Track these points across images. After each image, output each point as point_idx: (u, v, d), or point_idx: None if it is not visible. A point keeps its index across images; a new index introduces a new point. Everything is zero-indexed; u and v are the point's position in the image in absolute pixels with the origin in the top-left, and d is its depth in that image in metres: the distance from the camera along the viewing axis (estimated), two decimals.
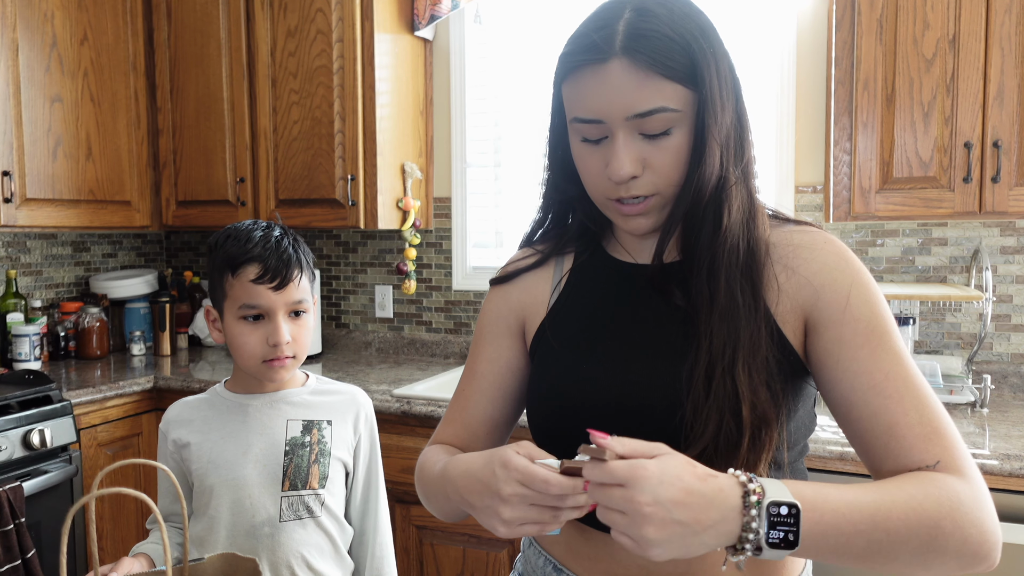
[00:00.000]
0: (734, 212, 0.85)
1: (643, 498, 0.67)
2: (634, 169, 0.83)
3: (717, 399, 0.80)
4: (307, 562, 1.28)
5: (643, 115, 0.81)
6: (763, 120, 2.40)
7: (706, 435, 0.80)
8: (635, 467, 0.68)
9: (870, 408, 0.81)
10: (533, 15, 2.65)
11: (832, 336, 0.84)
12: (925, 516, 0.72)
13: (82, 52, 2.61)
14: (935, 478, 0.75)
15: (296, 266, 1.27)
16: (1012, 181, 1.84)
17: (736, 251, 0.85)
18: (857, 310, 0.83)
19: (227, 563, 1.01)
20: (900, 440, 0.79)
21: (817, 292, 0.85)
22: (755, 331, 0.82)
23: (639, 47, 0.80)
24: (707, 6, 2.39)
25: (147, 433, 2.49)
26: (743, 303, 0.83)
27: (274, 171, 2.68)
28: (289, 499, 1.28)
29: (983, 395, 1.96)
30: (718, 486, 0.69)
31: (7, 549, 1.89)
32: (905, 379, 0.81)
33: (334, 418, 1.35)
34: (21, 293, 2.77)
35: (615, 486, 0.69)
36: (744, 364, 0.81)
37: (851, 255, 0.87)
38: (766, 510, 0.69)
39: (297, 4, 2.58)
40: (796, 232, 0.89)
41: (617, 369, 0.89)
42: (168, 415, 1.36)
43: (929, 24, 1.88)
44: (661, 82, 0.80)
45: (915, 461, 0.78)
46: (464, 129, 2.79)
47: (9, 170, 2.40)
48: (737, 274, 0.84)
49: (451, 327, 2.86)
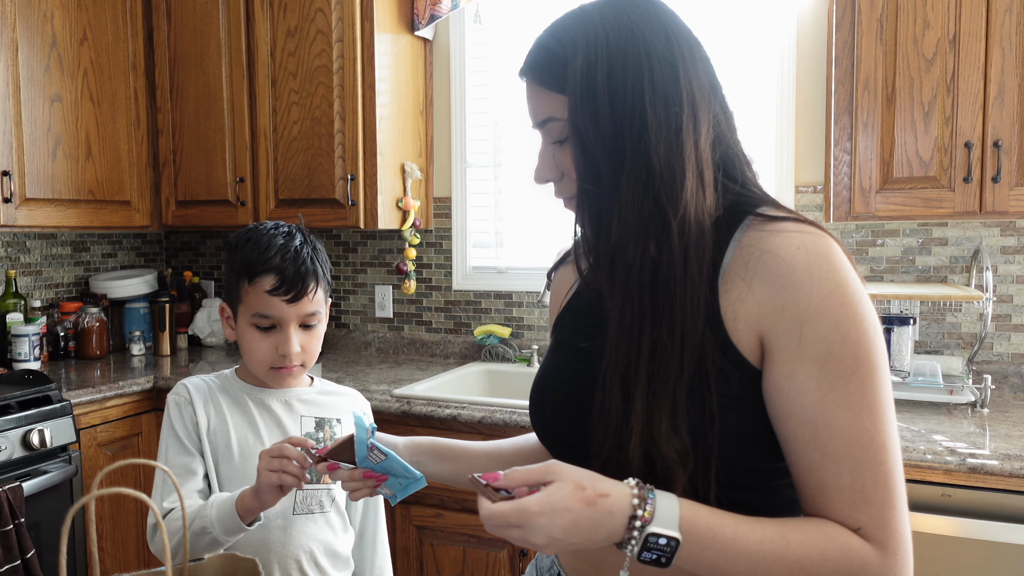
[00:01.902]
0: (625, 220, 0.80)
1: (536, 538, 0.73)
2: (548, 174, 0.88)
3: (607, 417, 0.81)
4: (315, 558, 1.29)
5: (540, 124, 0.87)
6: (763, 120, 2.39)
7: (602, 453, 0.82)
8: (523, 512, 0.73)
9: (807, 460, 0.76)
10: (533, 15, 2.65)
11: (784, 372, 0.77)
12: (823, 571, 0.74)
13: (82, 52, 2.61)
14: (846, 543, 0.74)
15: (312, 278, 1.27)
16: (1012, 181, 1.84)
17: (636, 261, 0.80)
18: (813, 347, 0.75)
19: (227, 563, 1.00)
20: (827, 500, 0.76)
21: (775, 313, 0.77)
22: (669, 347, 0.78)
23: (533, 62, 0.86)
24: (708, 6, 2.40)
25: (147, 433, 2.49)
26: (650, 316, 0.79)
27: (274, 171, 2.68)
28: (302, 493, 1.29)
29: (983, 395, 1.96)
30: (607, 509, 0.73)
31: (7, 549, 1.89)
32: (853, 438, 0.75)
33: (341, 417, 1.37)
34: (21, 293, 2.77)
35: (510, 527, 0.74)
36: (644, 385, 0.79)
37: (824, 267, 0.77)
38: (644, 538, 0.73)
39: (297, 4, 2.58)
40: (769, 233, 0.80)
41: (565, 368, 0.94)
42: (190, 384, 1.32)
43: (929, 24, 1.88)
44: (547, 93, 0.85)
45: (839, 522, 0.76)
46: (464, 129, 2.79)
47: (9, 170, 2.40)
48: (645, 284, 0.80)
49: (451, 327, 2.86)
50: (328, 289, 1.33)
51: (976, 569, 1.58)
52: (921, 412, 1.94)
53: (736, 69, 2.40)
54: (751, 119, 2.40)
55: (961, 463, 1.61)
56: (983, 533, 1.58)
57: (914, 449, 1.65)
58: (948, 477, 1.62)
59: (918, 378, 2.03)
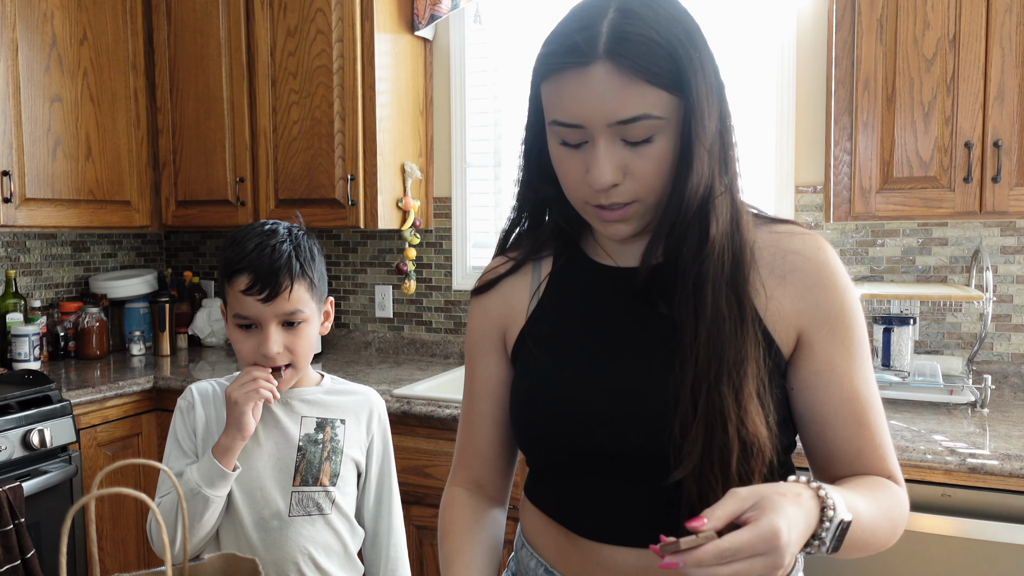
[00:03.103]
0: (721, 221, 0.82)
1: (786, 556, 0.68)
2: (615, 177, 0.80)
3: (704, 416, 0.80)
4: (314, 560, 1.28)
5: (625, 122, 0.78)
6: (763, 120, 2.39)
7: (695, 452, 0.80)
8: (767, 536, 0.67)
9: (847, 433, 0.86)
10: (533, 15, 2.65)
11: (824, 359, 0.86)
12: (897, 516, 0.86)
13: (82, 52, 2.61)
14: (893, 489, 0.87)
15: (286, 276, 1.23)
16: (1012, 181, 1.84)
17: (722, 262, 0.82)
18: (845, 334, 0.86)
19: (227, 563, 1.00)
20: (864, 461, 0.87)
21: (811, 309, 0.85)
22: (741, 345, 0.81)
23: (623, 51, 0.76)
24: (708, 6, 2.40)
25: (147, 433, 2.49)
26: (729, 316, 0.81)
27: (274, 171, 2.68)
28: (299, 494, 1.28)
29: (983, 395, 1.96)
30: (808, 507, 0.73)
31: (7, 549, 1.89)
32: (877, 408, 0.88)
33: (347, 418, 1.35)
34: (21, 293, 2.77)
35: (754, 556, 0.68)
36: (730, 380, 0.80)
37: (839, 264, 0.87)
38: (837, 526, 0.73)
39: (297, 4, 2.58)
40: (785, 235, 0.87)
41: (600, 375, 0.88)
42: (196, 389, 1.35)
43: (929, 24, 1.87)
44: (645, 88, 0.77)
45: (871, 474, 0.88)
46: (464, 129, 2.79)
47: (9, 170, 2.40)
48: (723, 285, 0.82)
49: (451, 327, 2.86)
50: (316, 287, 1.29)
51: (976, 569, 1.58)
52: (921, 412, 1.94)
53: (736, 69, 2.40)
54: (751, 119, 2.40)
55: (961, 463, 1.61)
56: (983, 533, 1.58)
57: (914, 449, 1.65)
58: (948, 477, 1.62)
59: (918, 378, 2.03)
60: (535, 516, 0.98)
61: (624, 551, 0.87)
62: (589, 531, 0.89)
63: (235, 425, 1.23)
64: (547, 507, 0.95)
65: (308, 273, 1.27)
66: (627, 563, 0.87)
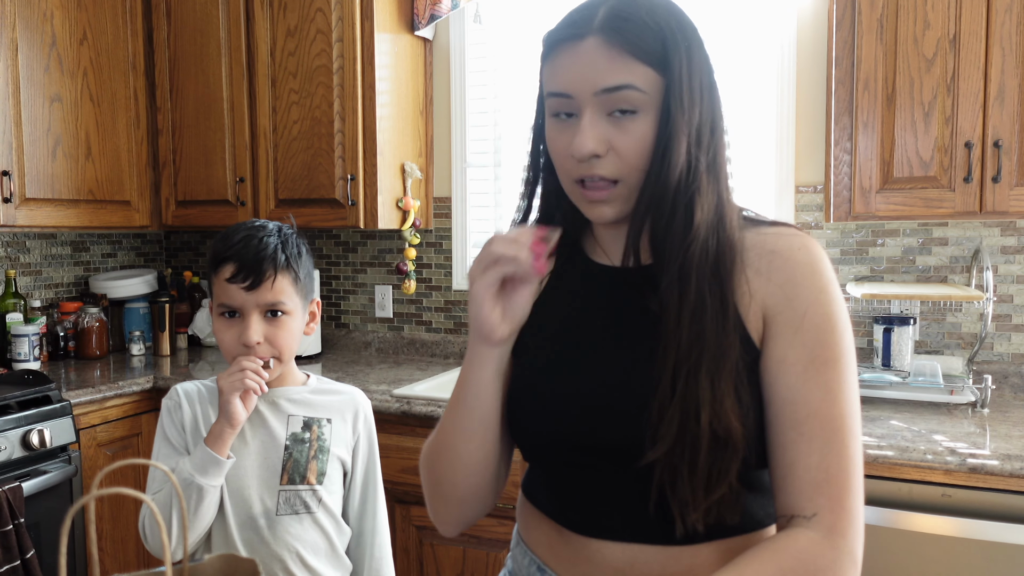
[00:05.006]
0: (706, 210, 0.84)
1: None
2: (597, 147, 0.83)
3: (681, 401, 0.80)
4: (302, 558, 1.29)
5: (610, 90, 0.82)
6: (763, 120, 2.39)
7: (668, 436, 0.80)
8: None
9: (783, 438, 0.82)
10: (533, 15, 2.65)
11: (777, 355, 0.83)
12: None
13: (81, 52, 2.61)
14: (796, 548, 0.78)
15: (271, 266, 1.26)
16: (1013, 181, 1.84)
17: (706, 250, 0.84)
18: (807, 334, 0.83)
19: (227, 563, 1.00)
20: (794, 479, 0.81)
21: (779, 304, 0.84)
22: (722, 334, 0.82)
23: (615, 26, 0.82)
24: (708, 6, 2.40)
25: (147, 433, 2.49)
26: (710, 304, 0.82)
27: (274, 171, 2.67)
28: (286, 493, 1.29)
29: (984, 395, 1.96)
30: None
31: (6, 549, 1.89)
32: (827, 419, 0.81)
33: (333, 417, 1.36)
34: (20, 293, 2.77)
35: None
36: (707, 368, 0.81)
37: (822, 266, 0.85)
38: None
39: (297, 4, 2.58)
40: (771, 236, 0.87)
41: (586, 370, 0.90)
42: (181, 389, 1.36)
43: (929, 24, 1.87)
44: (631, 62, 0.82)
45: (797, 506, 0.81)
46: (464, 129, 2.79)
47: (8, 170, 2.40)
48: (707, 274, 0.83)
49: (451, 327, 2.86)
50: (301, 282, 1.31)
51: (976, 569, 1.58)
52: (921, 412, 1.94)
53: (736, 69, 2.40)
54: (751, 119, 2.40)
55: (961, 463, 1.61)
56: (983, 533, 1.57)
57: (914, 449, 1.65)
58: (948, 477, 1.62)
59: (918, 378, 2.03)
60: (530, 512, 0.99)
61: (611, 545, 0.88)
62: (577, 525, 0.91)
63: (224, 413, 1.25)
64: (540, 502, 0.97)
65: (293, 266, 1.30)
66: (614, 557, 0.88)
